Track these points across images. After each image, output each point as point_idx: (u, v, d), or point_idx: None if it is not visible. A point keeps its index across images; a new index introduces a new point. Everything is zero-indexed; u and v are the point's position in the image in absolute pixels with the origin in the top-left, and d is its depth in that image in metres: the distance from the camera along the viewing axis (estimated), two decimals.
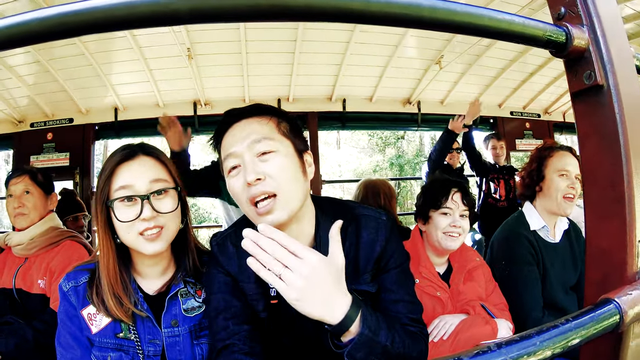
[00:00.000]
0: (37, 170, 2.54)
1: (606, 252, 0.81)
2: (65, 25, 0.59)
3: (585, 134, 0.84)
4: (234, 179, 1.33)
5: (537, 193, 2.41)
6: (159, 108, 5.38)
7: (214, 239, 1.51)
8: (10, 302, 2.33)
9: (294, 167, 1.33)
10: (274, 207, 1.28)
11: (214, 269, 1.46)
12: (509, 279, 2.29)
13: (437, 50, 4.95)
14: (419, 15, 0.67)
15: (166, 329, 1.45)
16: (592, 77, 0.78)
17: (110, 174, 1.39)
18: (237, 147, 1.32)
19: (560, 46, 0.76)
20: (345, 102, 5.72)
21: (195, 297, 1.51)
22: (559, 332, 0.64)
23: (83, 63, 4.62)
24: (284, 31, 4.45)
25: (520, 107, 6.43)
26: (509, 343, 0.60)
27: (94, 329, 1.43)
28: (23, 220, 2.41)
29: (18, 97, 5.10)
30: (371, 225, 1.44)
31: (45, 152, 5.39)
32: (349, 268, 1.38)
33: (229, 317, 1.38)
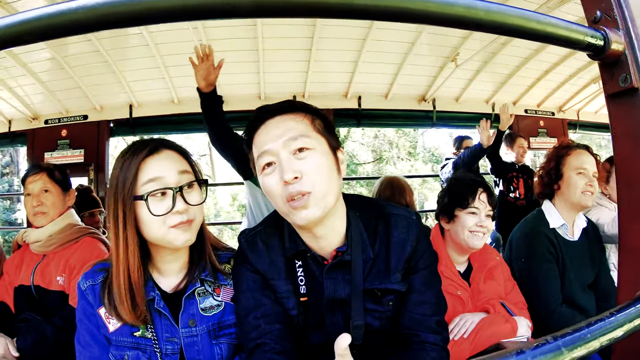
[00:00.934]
0: (54, 168, 2.52)
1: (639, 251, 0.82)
2: (81, 21, 0.59)
3: (619, 135, 0.85)
4: (269, 177, 1.31)
5: (556, 191, 2.41)
6: (174, 105, 5.41)
7: (243, 236, 1.51)
8: (29, 299, 2.33)
9: (329, 165, 1.32)
10: (309, 203, 1.26)
11: (243, 266, 1.46)
12: (529, 276, 2.29)
13: (453, 47, 4.93)
14: (476, 17, 0.68)
15: (184, 329, 1.43)
16: (627, 80, 0.79)
17: (137, 169, 1.36)
18: (272, 144, 1.30)
19: (598, 49, 0.78)
20: (361, 99, 5.69)
21: (214, 296, 1.48)
22: (607, 325, 0.65)
23: (98, 60, 4.62)
24: (301, 28, 4.45)
25: (535, 105, 6.40)
26: (564, 335, 0.62)
27: (111, 327, 1.42)
28: (43, 218, 2.39)
29: (32, 94, 5.12)
30: (402, 224, 1.43)
31: (60, 148, 5.42)
32: (380, 266, 1.40)
33: (259, 316, 1.38)
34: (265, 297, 1.40)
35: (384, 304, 1.41)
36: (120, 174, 1.38)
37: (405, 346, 1.42)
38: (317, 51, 4.72)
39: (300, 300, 1.41)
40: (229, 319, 1.48)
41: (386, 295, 1.41)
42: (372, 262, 1.40)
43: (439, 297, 1.47)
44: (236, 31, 4.41)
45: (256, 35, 4.41)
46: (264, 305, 1.39)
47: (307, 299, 1.42)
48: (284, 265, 1.42)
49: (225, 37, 4.47)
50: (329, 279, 1.40)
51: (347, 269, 1.39)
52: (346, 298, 1.39)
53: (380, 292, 1.40)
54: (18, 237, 2.52)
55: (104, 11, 0.58)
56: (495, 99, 6.09)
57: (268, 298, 1.40)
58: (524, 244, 2.39)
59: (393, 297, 1.41)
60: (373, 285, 1.39)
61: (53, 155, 5.38)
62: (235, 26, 4.34)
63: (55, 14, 0.58)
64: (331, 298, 1.40)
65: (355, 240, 1.40)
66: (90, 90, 5.12)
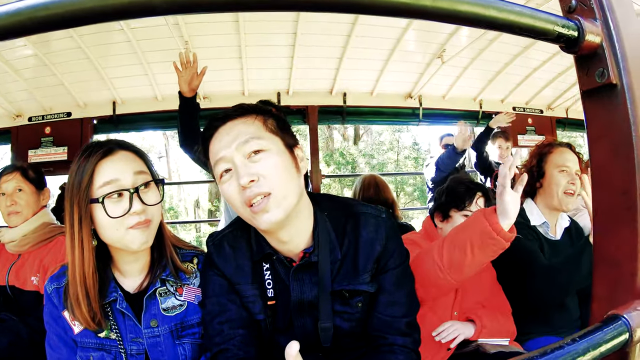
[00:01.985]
0: (28, 167, 2.53)
1: (615, 263, 0.76)
2: (59, 16, 0.55)
3: (595, 136, 0.79)
4: (227, 184, 1.31)
5: (538, 190, 2.42)
6: (157, 102, 5.34)
7: (210, 239, 1.50)
8: (4, 299, 2.33)
9: (286, 164, 1.31)
10: (269, 205, 1.25)
11: (210, 270, 1.45)
12: (513, 257, 2.25)
13: (439, 44, 4.87)
14: (420, 4, 0.61)
15: (146, 329, 1.43)
16: (604, 75, 0.72)
17: (92, 171, 1.35)
18: (225, 150, 1.30)
19: (571, 41, 0.71)
20: (346, 96, 5.64)
21: (176, 295, 1.48)
22: (564, 354, 0.59)
23: (80, 57, 4.55)
24: (284, 24, 4.38)
25: (523, 102, 6.35)
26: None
27: (76, 329, 1.43)
28: (17, 218, 2.40)
29: (15, 91, 5.04)
30: (371, 223, 1.42)
31: (43, 146, 5.32)
32: (348, 267, 1.39)
33: (223, 321, 1.37)
34: (230, 302, 1.40)
35: (353, 305, 1.40)
36: (75, 177, 1.37)
37: (374, 348, 1.41)
38: (301, 47, 4.66)
39: (267, 304, 1.41)
40: (192, 318, 1.48)
41: (355, 297, 1.40)
42: (340, 262, 1.39)
43: (410, 297, 1.47)
44: (218, 27, 4.35)
45: (238, 31, 4.35)
46: (228, 311, 1.39)
47: (275, 302, 1.41)
48: (250, 269, 1.42)
49: (206, 33, 4.41)
50: (295, 281, 1.39)
51: (314, 270, 1.38)
52: (314, 300, 1.39)
53: (348, 294, 1.39)
54: None
55: (82, 5, 0.55)
56: (482, 97, 6.05)
57: (233, 303, 1.40)
58: None
59: (362, 298, 1.41)
60: (341, 286, 1.38)
61: (37, 153, 5.29)
62: (217, 22, 4.28)
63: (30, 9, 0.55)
64: (298, 300, 1.39)
65: (322, 241, 1.38)
66: (74, 87, 5.04)
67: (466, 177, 2.46)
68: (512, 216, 1.51)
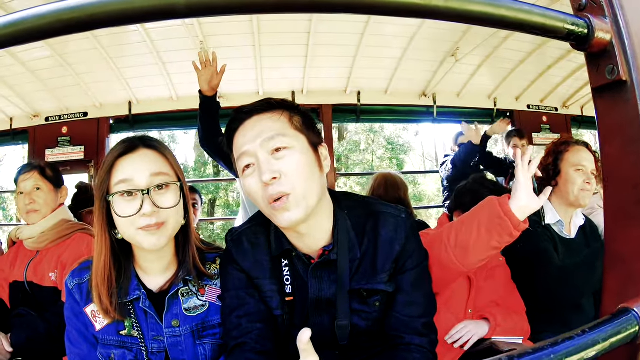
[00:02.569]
0: (45, 165, 2.55)
1: (626, 258, 0.76)
2: (76, 20, 0.57)
3: (607, 132, 0.79)
4: (249, 178, 1.31)
5: (553, 188, 2.38)
6: (173, 101, 5.41)
7: (229, 235, 1.50)
8: (23, 294, 2.37)
9: (309, 163, 1.31)
10: (289, 205, 1.26)
11: (229, 265, 1.45)
12: (526, 258, 2.26)
13: (453, 42, 4.86)
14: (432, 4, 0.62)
15: (167, 329, 1.43)
16: (614, 72, 0.73)
17: (110, 168, 1.37)
18: (249, 145, 1.30)
19: (581, 39, 0.72)
20: (360, 95, 5.63)
21: (198, 296, 1.48)
22: (575, 345, 0.60)
23: (97, 57, 4.61)
24: (297, 23, 4.41)
25: (538, 100, 6.28)
26: (522, 355, 0.57)
27: (97, 326, 1.44)
28: (36, 216, 2.42)
29: (33, 92, 5.12)
30: (390, 222, 1.41)
31: (61, 145, 5.41)
32: (367, 266, 1.39)
33: (242, 315, 1.37)
34: (249, 296, 1.40)
35: (370, 304, 1.40)
36: (99, 173, 1.39)
37: (391, 347, 1.40)
38: (315, 46, 4.68)
39: (285, 299, 1.41)
40: (213, 319, 1.48)
41: (373, 296, 1.39)
42: (359, 261, 1.39)
43: (428, 298, 1.46)
44: (233, 27, 4.39)
45: (253, 31, 4.38)
46: (247, 304, 1.39)
47: (292, 299, 1.41)
48: (269, 264, 1.42)
49: (222, 33, 4.45)
50: (314, 278, 1.39)
51: (333, 268, 1.38)
52: (332, 298, 1.39)
53: (366, 293, 1.39)
54: (12, 233, 2.62)
55: (101, 9, 0.57)
56: (497, 94, 6.01)
57: (252, 297, 1.40)
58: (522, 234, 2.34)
59: (379, 297, 1.40)
60: (359, 285, 1.38)
61: (54, 152, 5.39)
62: (232, 22, 4.31)
63: (51, 13, 0.57)
64: (316, 297, 1.39)
65: (341, 239, 1.38)
66: (90, 88, 5.12)
67: (492, 182, 2.44)
68: (523, 199, 1.50)
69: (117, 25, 0.60)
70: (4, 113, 5.48)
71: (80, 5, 0.56)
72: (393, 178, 3.58)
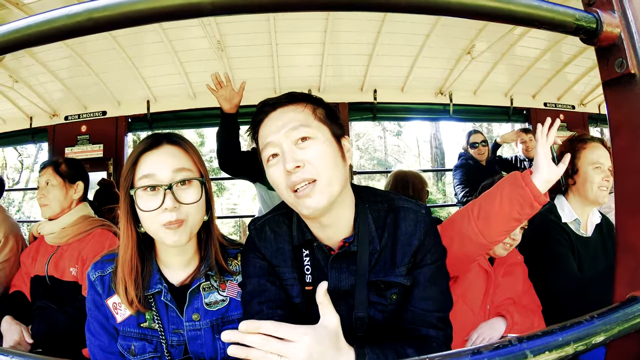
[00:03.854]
0: (63, 161, 2.61)
1: (637, 248, 0.77)
2: (92, 21, 0.61)
3: (617, 124, 0.80)
4: (274, 168, 1.34)
5: (570, 186, 2.36)
6: (190, 99, 5.48)
7: (252, 224, 1.53)
8: (44, 288, 2.41)
9: (332, 153, 1.34)
10: (313, 191, 1.28)
11: (251, 253, 1.48)
12: (543, 263, 2.26)
13: (468, 39, 4.86)
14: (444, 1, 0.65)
15: (188, 323, 1.45)
16: (624, 66, 0.74)
17: (134, 163, 1.40)
18: (274, 136, 1.33)
19: (590, 33, 0.73)
20: (376, 92, 5.64)
21: (219, 291, 1.51)
22: (583, 329, 0.61)
23: (115, 57, 4.70)
24: (314, 22, 4.44)
25: (555, 98, 6.24)
26: (530, 338, 0.58)
27: (118, 318, 1.46)
28: (46, 210, 2.50)
29: (52, 91, 5.25)
30: (410, 217, 1.43)
31: (80, 143, 5.54)
32: (386, 259, 1.41)
33: (263, 301, 1.39)
34: (270, 283, 1.42)
35: (387, 297, 1.42)
36: (124, 167, 1.43)
37: (407, 339, 1.40)
38: (331, 44, 4.71)
39: (305, 289, 1.43)
40: (233, 314, 1.50)
41: (390, 289, 1.41)
42: (379, 254, 1.41)
43: (444, 294, 1.46)
44: (249, 26, 4.43)
45: (269, 30, 4.42)
46: (268, 291, 1.41)
47: (312, 288, 1.42)
48: (290, 253, 1.45)
49: (238, 32, 4.49)
50: (333, 269, 1.41)
51: (352, 260, 1.40)
52: (350, 289, 1.40)
53: (384, 285, 1.40)
54: (33, 228, 2.63)
55: (118, 10, 0.61)
56: (513, 92, 5.99)
57: (273, 284, 1.42)
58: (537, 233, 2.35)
59: (397, 290, 1.41)
60: (377, 278, 1.40)
61: (73, 150, 5.52)
62: (248, 21, 4.35)
63: (70, 15, 0.62)
64: (335, 288, 1.40)
65: (362, 232, 1.40)
66: (109, 87, 5.22)
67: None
68: (544, 172, 1.53)
69: (146, 24, 0.63)
70: (24, 112, 5.61)
71: (112, 4, 0.59)
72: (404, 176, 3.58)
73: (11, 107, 5.51)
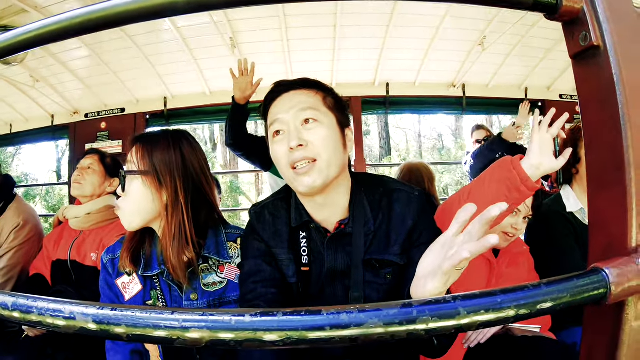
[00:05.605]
0: (109, 155, 2.82)
1: (606, 223, 0.76)
2: (106, 19, 0.68)
3: (586, 98, 0.80)
4: (278, 144, 1.41)
5: (574, 175, 2.35)
6: (206, 96, 5.60)
7: (253, 208, 1.61)
8: (63, 273, 2.54)
9: (335, 138, 1.41)
10: (312, 170, 1.36)
11: (250, 236, 1.55)
12: (549, 253, 2.26)
13: (479, 30, 4.82)
14: None
15: (187, 302, 1.55)
16: (587, 39, 0.74)
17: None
18: (283, 114, 1.41)
19: (550, 8, 0.73)
20: (389, 86, 5.65)
21: (217, 273, 1.60)
22: (527, 294, 0.61)
23: (132, 55, 4.82)
24: (323, 17, 4.48)
25: (571, 89, 6.08)
26: (467, 297, 0.59)
27: (127, 296, 1.59)
28: (77, 189, 2.64)
29: (73, 90, 5.39)
30: (403, 198, 1.48)
31: (100, 140, 5.67)
32: (380, 239, 1.46)
33: (258, 281, 1.45)
34: (266, 263, 1.49)
35: (382, 276, 1.47)
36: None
37: None
38: (342, 39, 4.74)
39: (301, 269, 1.49)
40: (230, 295, 1.60)
41: (385, 268, 1.46)
42: (373, 234, 1.46)
43: None
44: (261, 23, 4.48)
45: (280, 26, 4.48)
46: (263, 272, 1.47)
47: (309, 269, 1.49)
48: (287, 235, 1.51)
49: (250, 29, 4.56)
50: (330, 250, 1.47)
51: (348, 241, 1.46)
52: (346, 269, 1.46)
53: (378, 264, 1.46)
54: (59, 212, 2.81)
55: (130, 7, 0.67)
56: (527, 84, 5.89)
57: (269, 265, 1.49)
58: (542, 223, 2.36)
59: (391, 270, 1.47)
60: (372, 256, 1.45)
61: (93, 146, 5.58)
62: (260, 18, 4.42)
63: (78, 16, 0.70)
64: (331, 268, 1.47)
65: (357, 214, 1.47)
66: (127, 85, 5.35)
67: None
68: (535, 157, 1.53)
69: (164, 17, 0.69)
70: (45, 110, 5.78)
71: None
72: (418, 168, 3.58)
73: (33, 106, 5.68)
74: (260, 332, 0.57)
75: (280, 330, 0.57)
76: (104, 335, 0.61)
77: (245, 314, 0.58)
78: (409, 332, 0.56)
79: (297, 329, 0.57)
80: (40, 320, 0.64)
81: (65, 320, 0.62)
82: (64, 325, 0.62)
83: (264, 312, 0.58)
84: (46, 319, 0.63)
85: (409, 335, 0.57)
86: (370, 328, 0.56)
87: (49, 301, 0.65)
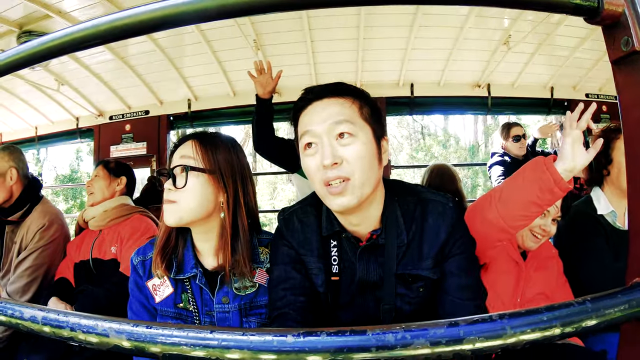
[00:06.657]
0: (111, 161, 3.00)
1: None
2: (130, 27, 0.68)
3: (627, 105, 0.77)
4: (310, 158, 1.34)
5: (605, 177, 2.29)
6: (230, 98, 5.63)
7: (281, 214, 1.57)
8: (86, 273, 2.65)
9: (370, 155, 1.32)
10: (346, 190, 1.28)
11: (279, 241, 1.52)
12: (579, 255, 2.21)
13: (503, 30, 4.76)
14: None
15: (217, 305, 1.55)
16: (629, 44, 0.71)
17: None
18: (316, 126, 1.32)
19: (591, 12, 0.71)
20: (413, 87, 5.61)
21: (249, 277, 1.58)
22: (572, 311, 0.59)
23: (156, 59, 4.88)
24: (347, 18, 4.46)
25: (597, 89, 5.97)
26: (513, 315, 0.57)
27: (157, 298, 1.58)
28: (91, 197, 2.85)
29: (97, 93, 5.49)
30: (437, 210, 1.42)
31: (124, 142, 5.79)
32: (413, 252, 1.41)
33: (287, 288, 1.42)
34: (295, 271, 1.46)
35: (414, 289, 1.43)
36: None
37: None
38: (365, 40, 4.72)
39: (330, 278, 1.45)
40: (261, 300, 1.58)
41: (417, 281, 1.42)
42: (406, 247, 1.41)
43: (479, 284, 1.50)
44: (284, 24, 4.49)
45: (303, 28, 4.48)
46: (293, 279, 1.44)
47: (339, 279, 1.45)
48: (317, 243, 1.47)
49: (273, 31, 4.57)
50: (361, 261, 1.43)
51: (380, 252, 1.42)
52: (377, 281, 1.42)
53: (411, 278, 1.41)
54: (79, 217, 2.94)
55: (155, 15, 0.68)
56: (553, 83, 5.80)
57: (298, 272, 1.46)
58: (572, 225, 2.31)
59: (423, 283, 1.42)
60: (405, 270, 1.41)
61: (118, 148, 5.79)
62: (283, 20, 4.42)
63: (106, 23, 0.70)
64: (363, 279, 1.43)
65: (390, 224, 1.41)
66: (151, 87, 5.43)
67: None
68: (567, 159, 1.48)
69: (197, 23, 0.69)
70: (71, 113, 5.92)
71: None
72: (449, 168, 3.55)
73: (58, 109, 5.82)
74: (303, 353, 0.56)
75: (325, 352, 0.56)
76: (139, 353, 0.60)
77: (288, 334, 0.57)
78: (455, 352, 0.55)
79: (342, 351, 0.55)
80: (71, 336, 0.64)
81: (98, 337, 0.62)
82: (97, 342, 0.62)
83: (307, 332, 0.57)
84: (78, 335, 0.63)
85: (455, 356, 0.56)
86: (417, 349, 0.55)
87: (80, 317, 0.65)
